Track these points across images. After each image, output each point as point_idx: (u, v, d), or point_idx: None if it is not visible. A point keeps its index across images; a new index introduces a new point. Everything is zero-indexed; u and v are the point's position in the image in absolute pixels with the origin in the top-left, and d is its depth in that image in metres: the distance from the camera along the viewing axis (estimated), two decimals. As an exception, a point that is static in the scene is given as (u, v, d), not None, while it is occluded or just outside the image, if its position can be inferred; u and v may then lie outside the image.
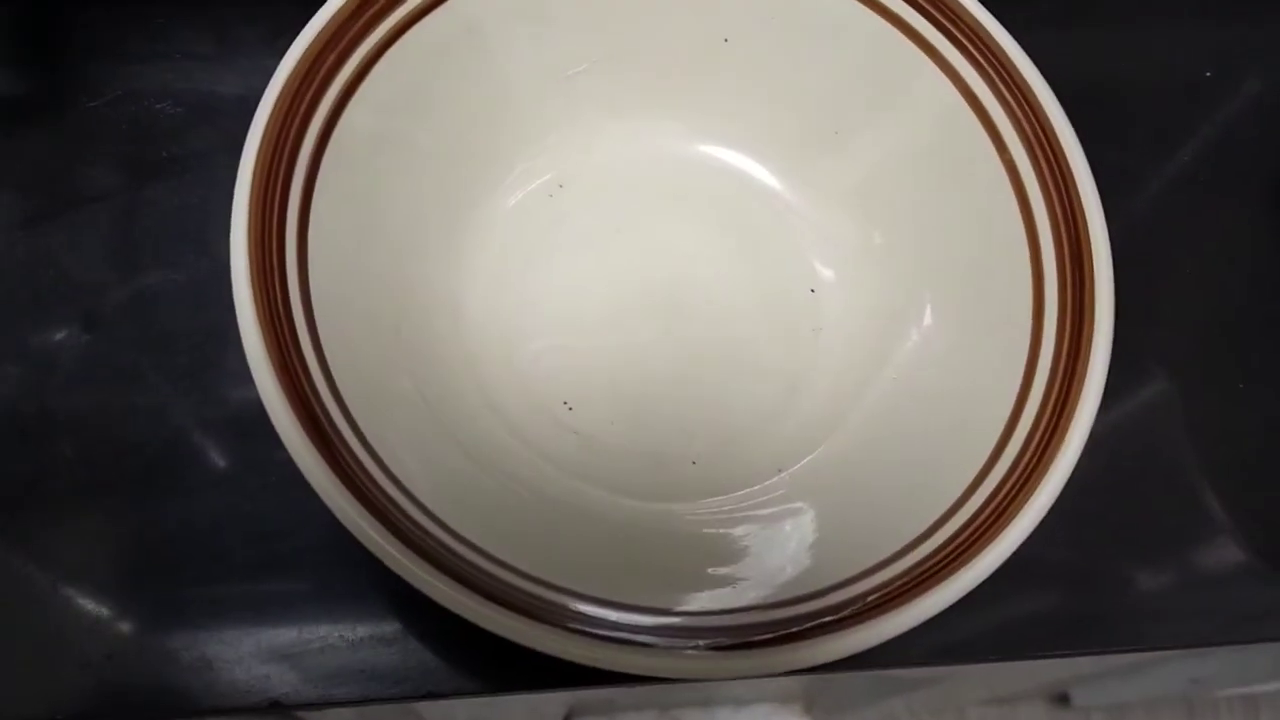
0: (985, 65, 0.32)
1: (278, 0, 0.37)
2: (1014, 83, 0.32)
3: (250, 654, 0.30)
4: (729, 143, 0.37)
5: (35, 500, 0.32)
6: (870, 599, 0.27)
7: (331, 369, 0.28)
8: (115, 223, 0.35)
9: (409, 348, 0.32)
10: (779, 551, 0.30)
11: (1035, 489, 0.28)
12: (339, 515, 0.26)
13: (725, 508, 0.32)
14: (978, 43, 0.32)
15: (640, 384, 0.34)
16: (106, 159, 0.36)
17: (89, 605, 0.31)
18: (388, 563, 0.26)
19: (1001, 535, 0.28)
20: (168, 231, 0.35)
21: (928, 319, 0.33)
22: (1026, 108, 0.32)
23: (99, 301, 0.34)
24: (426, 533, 0.27)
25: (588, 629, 0.26)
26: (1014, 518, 0.28)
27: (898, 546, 0.29)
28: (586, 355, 0.34)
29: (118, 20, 0.38)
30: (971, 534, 0.28)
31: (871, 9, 0.34)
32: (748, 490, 0.32)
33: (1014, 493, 0.29)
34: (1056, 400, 0.29)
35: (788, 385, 0.34)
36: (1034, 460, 0.29)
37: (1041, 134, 0.31)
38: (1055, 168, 0.31)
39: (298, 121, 0.29)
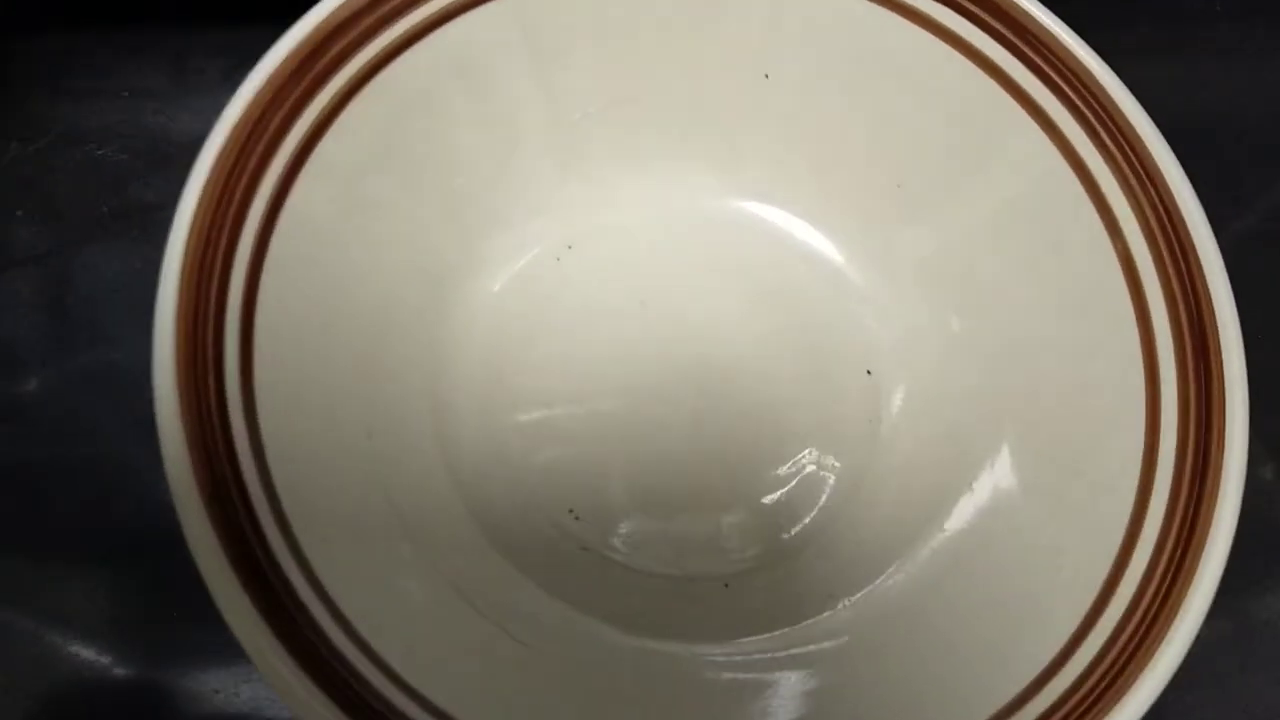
0: (1088, 115, 0.26)
1: (241, 28, 0.31)
2: (1124, 137, 0.26)
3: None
4: (770, 199, 0.31)
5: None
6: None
7: (278, 490, 0.23)
8: (45, 289, 0.30)
9: (382, 455, 0.26)
10: (834, 713, 0.24)
11: (1159, 641, 0.23)
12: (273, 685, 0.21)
13: (763, 652, 0.26)
14: (1079, 87, 0.26)
15: (663, 488, 0.29)
16: (38, 214, 0.31)
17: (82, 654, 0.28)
18: None
19: (1117, 708, 0.22)
20: (107, 301, 0.30)
21: (1017, 420, 0.27)
22: (1139, 168, 0.26)
23: (20, 387, 0.29)
24: (382, 699, 0.21)
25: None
26: (1134, 680, 0.22)
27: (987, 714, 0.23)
28: (599, 454, 0.29)
29: (56, 51, 0.33)
30: (1076, 705, 0.23)
31: (943, 40, 0.28)
32: (795, 627, 0.27)
33: (1132, 647, 0.23)
34: (1181, 529, 0.24)
35: (841, 492, 0.29)
36: (1156, 603, 0.23)
37: (1157, 200, 0.26)
38: (1173, 241, 0.25)
39: (243, 186, 0.24)
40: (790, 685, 0.25)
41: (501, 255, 0.30)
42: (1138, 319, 0.25)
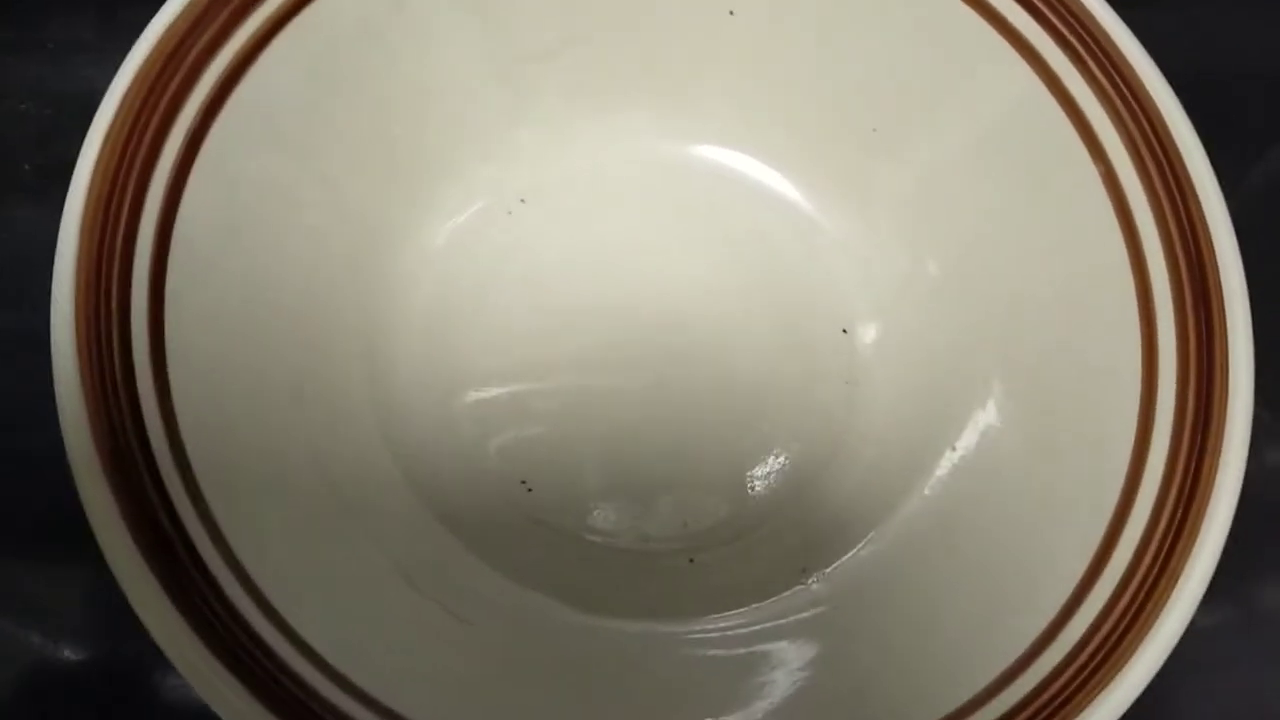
0: (1072, 40, 0.24)
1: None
2: (1111, 63, 0.24)
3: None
4: (736, 144, 0.29)
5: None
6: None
7: (190, 456, 0.21)
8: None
9: (314, 420, 0.24)
10: (803, 702, 0.22)
11: (1159, 609, 0.21)
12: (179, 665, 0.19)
13: (732, 627, 0.24)
14: (1064, 14, 0.24)
15: (623, 457, 0.27)
16: (-45, 173, 0.29)
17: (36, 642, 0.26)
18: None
19: (1113, 683, 0.20)
20: (29, 263, 0.28)
21: (1003, 373, 0.25)
22: (1129, 97, 0.24)
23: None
24: (311, 692, 0.19)
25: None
26: (1131, 654, 0.21)
27: (962, 699, 0.21)
28: (554, 421, 0.27)
29: (-24, 1, 0.31)
30: (1068, 681, 0.21)
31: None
32: (763, 603, 0.25)
33: (1128, 619, 0.21)
34: (1183, 484, 0.22)
35: (815, 457, 0.27)
36: (1157, 565, 0.21)
37: (1151, 134, 0.23)
38: (1167, 175, 0.23)
39: (154, 127, 0.22)
40: (754, 663, 0.23)
41: (447, 207, 0.28)
42: (1131, 261, 0.23)
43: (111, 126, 0.22)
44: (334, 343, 0.25)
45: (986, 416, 0.25)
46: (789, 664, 0.23)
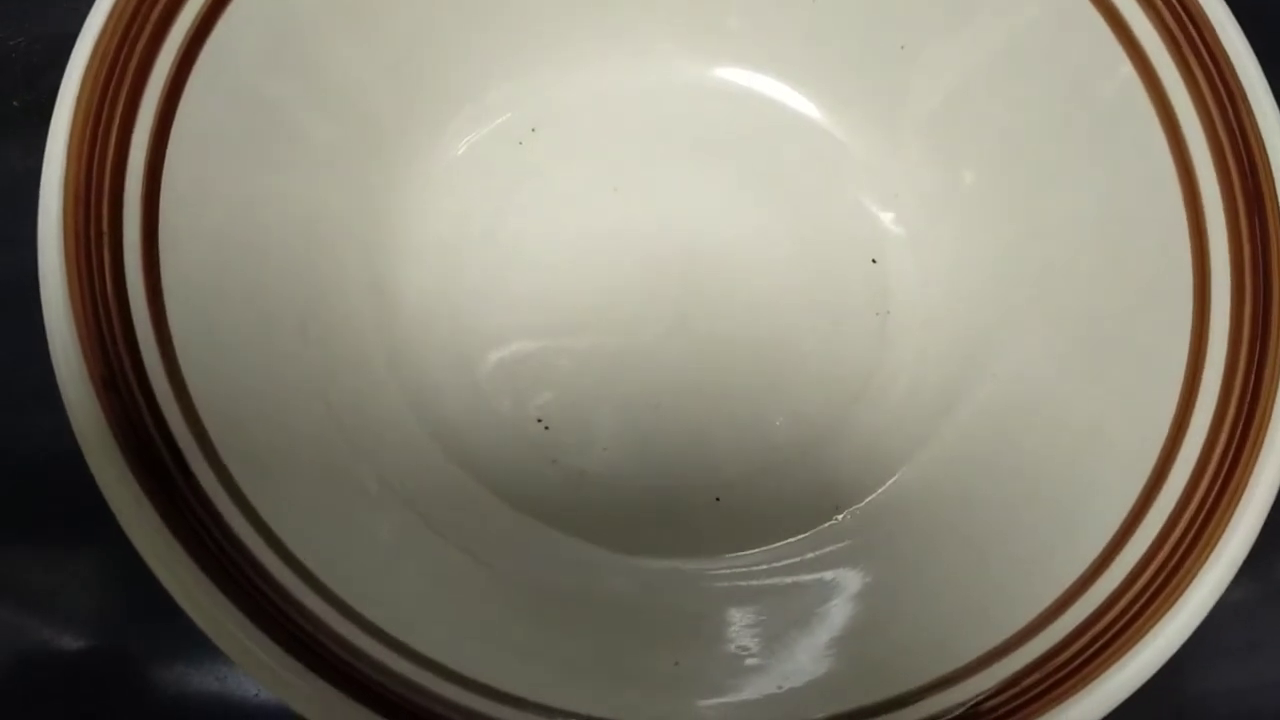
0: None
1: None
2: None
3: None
4: (757, 65, 0.28)
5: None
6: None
7: (191, 390, 0.20)
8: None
9: (320, 355, 0.23)
10: (838, 634, 0.21)
11: (1213, 543, 0.20)
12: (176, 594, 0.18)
13: (760, 565, 0.23)
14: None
15: (644, 393, 0.25)
16: (-59, 110, 0.28)
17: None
18: (253, 672, 0.17)
19: (1166, 616, 0.19)
20: (16, 201, 0.27)
21: (1042, 297, 0.24)
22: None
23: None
24: (321, 626, 0.18)
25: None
26: (1185, 586, 0.19)
27: (1008, 632, 0.20)
28: (570, 357, 0.26)
29: (-40, -66, 0.30)
30: (1118, 616, 0.20)
31: None
32: (791, 540, 0.24)
33: (1183, 549, 0.20)
34: (1239, 409, 0.21)
35: (846, 392, 0.26)
36: (1209, 501, 0.20)
37: (1191, 28, 0.22)
38: (1213, 75, 0.22)
39: (145, 40, 0.21)
40: (783, 600, 0.22)
41: (453, 139, 0.26)
42: (1178, 169, 0.22)
43: (100, 37, 0.20)
44: (339, 278, 0.24)
45: (1024, 344, 0.24)
46: (823, 595, 0.22)
